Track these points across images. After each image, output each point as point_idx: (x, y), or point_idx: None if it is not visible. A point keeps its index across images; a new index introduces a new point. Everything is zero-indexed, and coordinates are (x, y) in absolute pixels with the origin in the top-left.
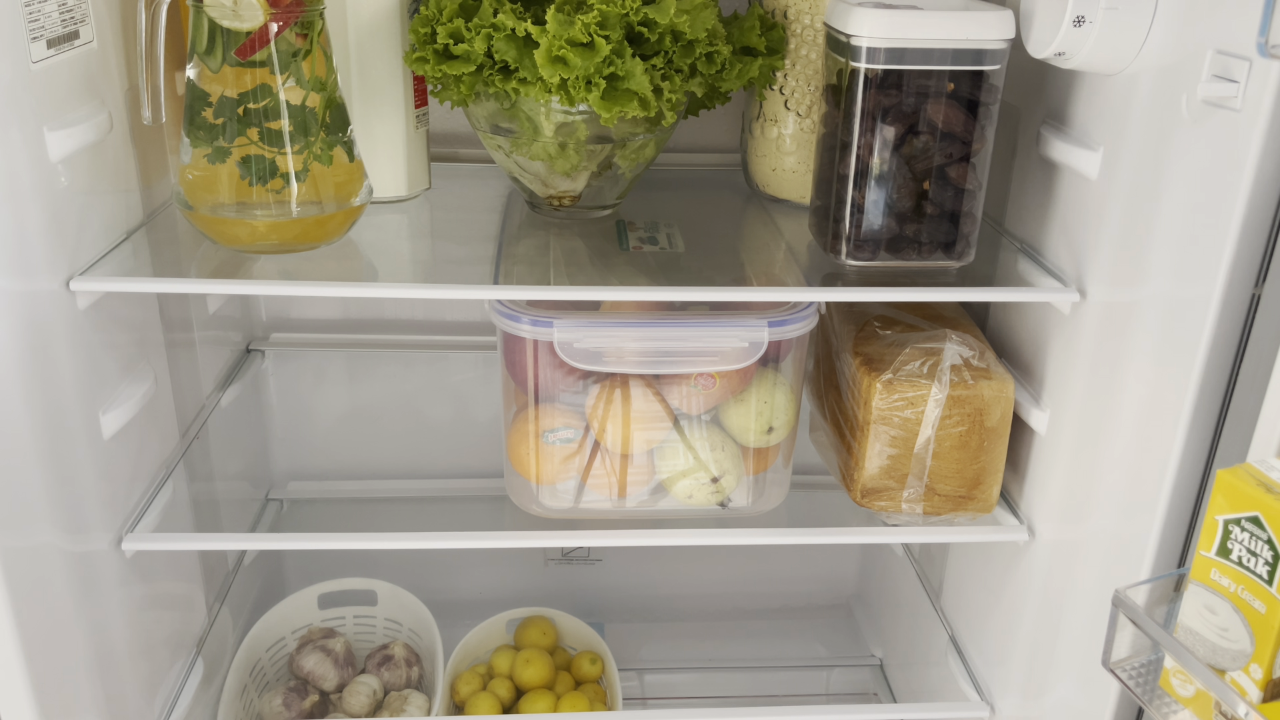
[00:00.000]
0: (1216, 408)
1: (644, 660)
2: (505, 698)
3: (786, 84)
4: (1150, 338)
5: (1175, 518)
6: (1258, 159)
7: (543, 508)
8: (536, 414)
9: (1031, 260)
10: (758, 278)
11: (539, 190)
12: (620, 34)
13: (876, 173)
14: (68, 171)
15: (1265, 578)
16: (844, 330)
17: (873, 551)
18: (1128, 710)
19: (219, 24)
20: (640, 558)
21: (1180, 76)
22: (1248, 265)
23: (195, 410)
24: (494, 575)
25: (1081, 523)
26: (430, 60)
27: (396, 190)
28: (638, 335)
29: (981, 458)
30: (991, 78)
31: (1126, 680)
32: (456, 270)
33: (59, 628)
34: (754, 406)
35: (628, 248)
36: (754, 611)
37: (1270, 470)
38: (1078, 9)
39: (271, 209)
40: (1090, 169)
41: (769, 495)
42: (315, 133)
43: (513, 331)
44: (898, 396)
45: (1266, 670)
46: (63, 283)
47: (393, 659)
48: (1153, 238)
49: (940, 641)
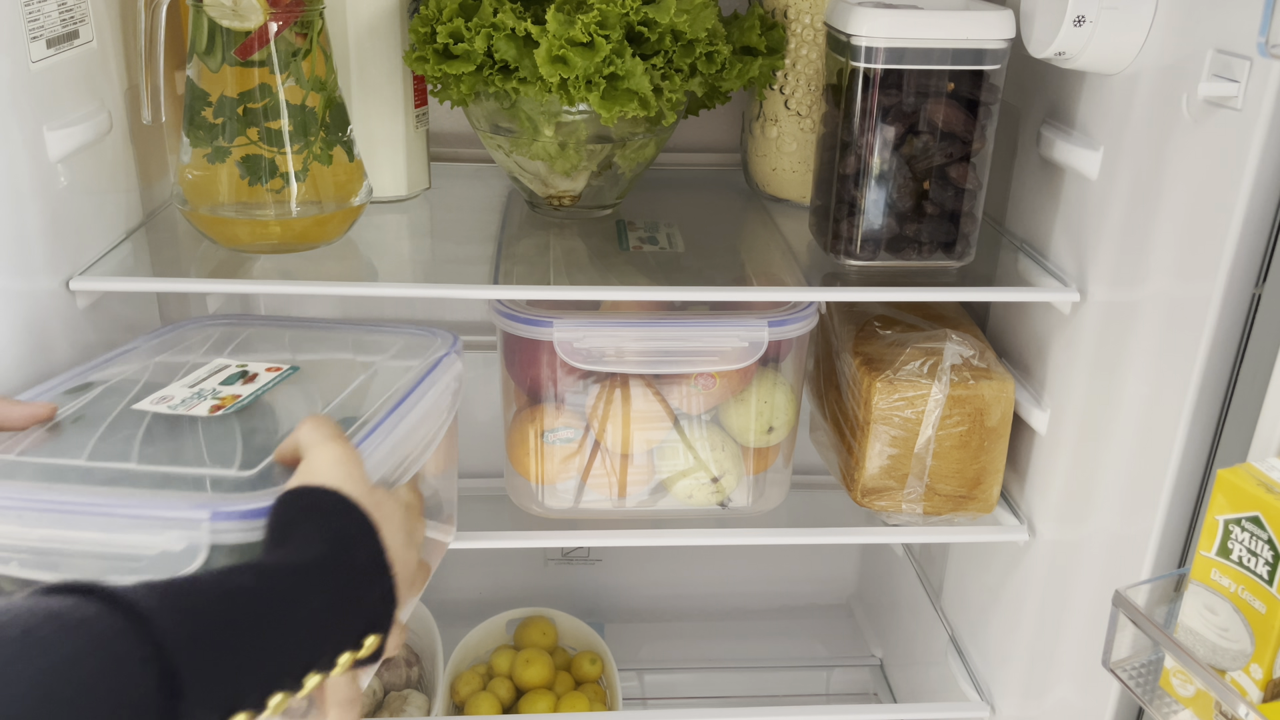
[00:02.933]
0: (1217, 408)
1: (644, 660)
2: (505, 698)
3: (786, 84)
4: (1151, 338)
5: (1175, 518)
6: (1258, 159)
7: (543, 508)
8: (536, 414)
9: (1032, 260)
10: (758, 278)
11: (539, 190)
12: (620, 34)
13: (877, 172)
14: (67, 171)
15: (1265, 578)
16: (844, 330)
17: (873, 551)
18: (1128, 710)
19: (219, 24)
20: (640, 558)
21: (1181, 76)
22: (1248, 265)
23: None
24: (494, 575)
25: (1082, 523)
26: (430, 60)
27: (396, 190)
28: (638, 335)
29: (982, 458)
30: (992, 77)
31: (1127, 680)
32: (456, 270)
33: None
34: (754, 406)
35: (628, 247)
36: (754, 611)
37: (1271, 470)
38: (1078, 9)
39: (271, 209)
40: (1090, 169)
41: (769, 495)
42: (315, 132)
43: (512, 331)
44: (898, 396)
45: (1267, 670)
46: (62, 282)
47: (392, 659)
48: (1153, 237)
49: (940, 641)
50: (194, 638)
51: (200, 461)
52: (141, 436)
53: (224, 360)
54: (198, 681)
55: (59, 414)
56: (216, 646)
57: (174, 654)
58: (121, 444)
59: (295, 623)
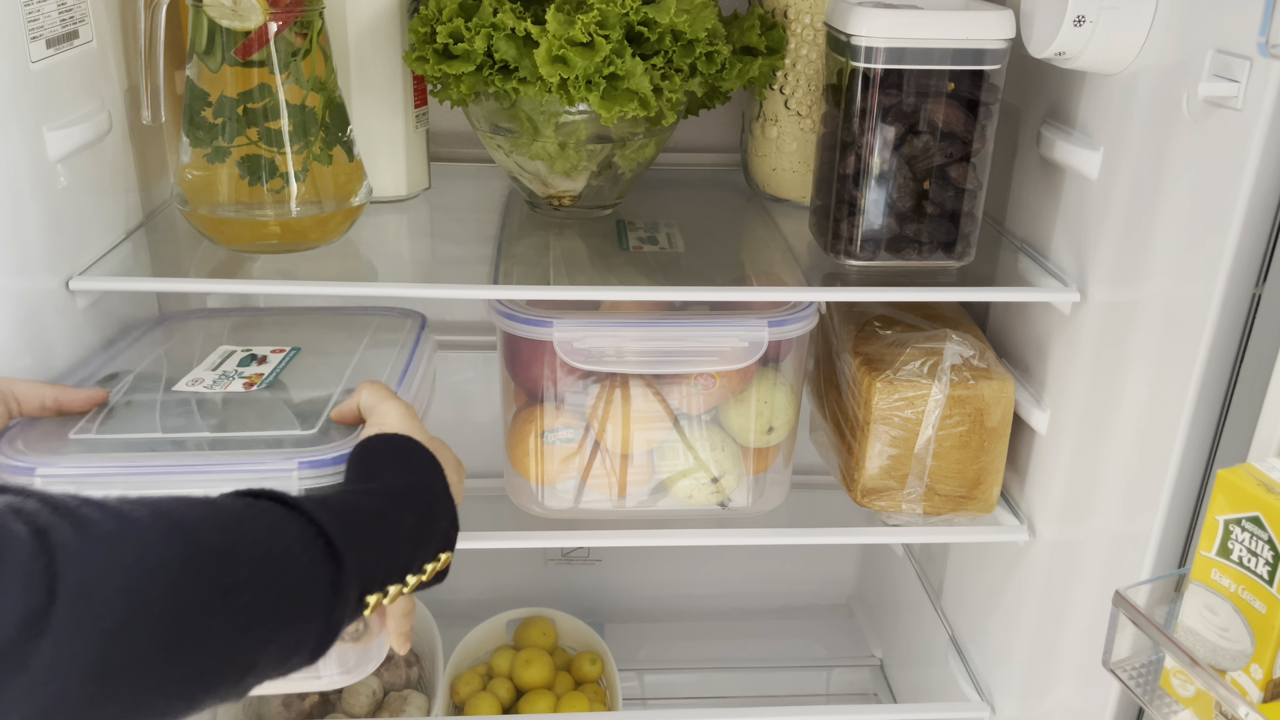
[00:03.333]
0: (1217, 408)
1: (644, 660)
2: (505, 698)
3: (786, 84)
4: (1151, 337)
5: (1176, 518)
6: (1258, 159)
7: (543, 508)
8: (536, 414)
9: (1032, 260)
10: (758, 278)
11: (539, 190)
12: (620, 34)
13: (877, 172)
14: (67, 171)
15: (1266, 578)
16: (844, 330)
17: (873, 551)
18: (1128, 710)
19: (219, 24)
20: (640, 558)
21: (1181, 76)
22: (1248, 265)
23: None
24: (494, 575)
25: (1082, 523)
26: (430, 60)
27: (396, 190)
28: (638, 335)
29: (982, 458)
30: (992, 77)
31: (1127, 680)
32: (456, 270)
33: None
34: (754, 406)
35: (628, 247)
36: (754, 611)
37: (1271, 470)
38: (1078, 9)
39: (271, 209)
40: (1090, 169)
41: (769, 495)
42: (315, 132)
43: (512, 331)
44: (898, 396)
45: (1267, 670)
46: (62, 282)
47: (392, 659)
48: (1153, 237)
49: (940, 641)
50: (343, 529)
51: (263, 427)
52: (198, 411)
53: (229, 347)
54: (348, 559)
55: (110, 399)
56: (356, 540)
57: (333, 537)
58: (184, 419)
59: (400, 531)
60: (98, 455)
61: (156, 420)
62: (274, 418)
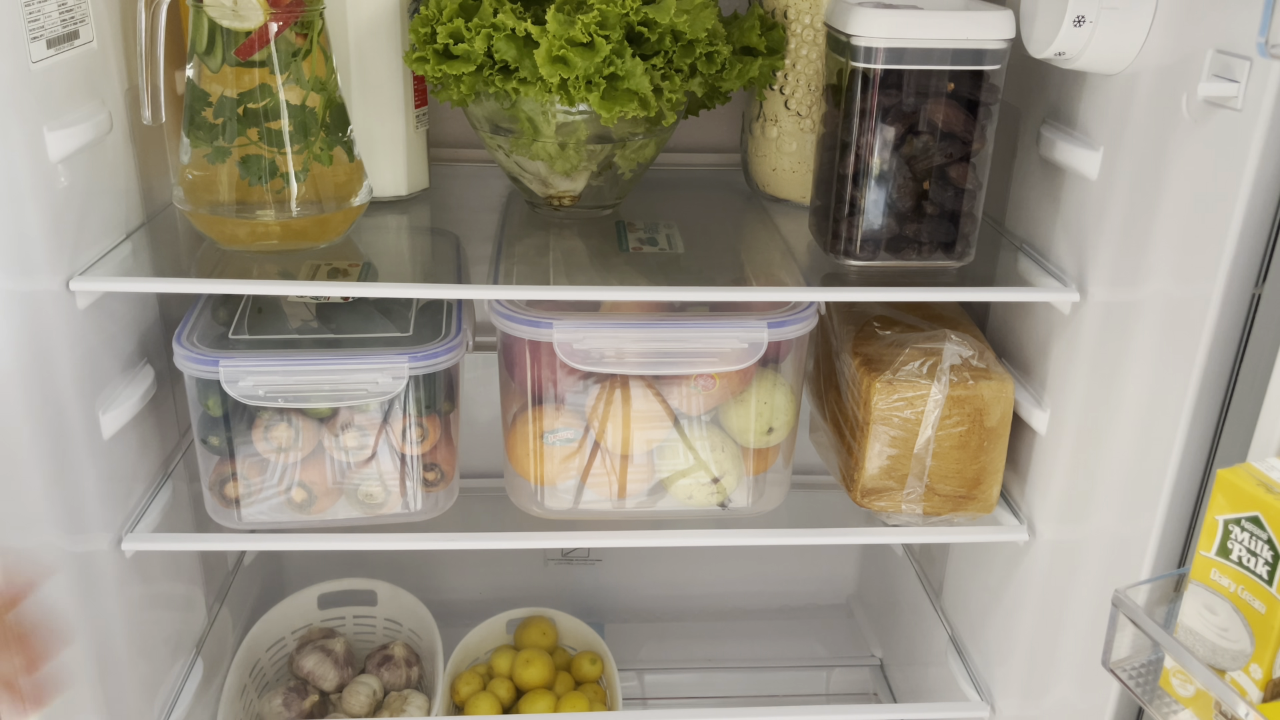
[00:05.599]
0: (1217, 407)
1: (644, 660)
2: (505, 698)
3: (786, 84)
4: (1150, 338)
5: (1175, 518)
6: (1258, 159)
7: (543, 508)
8: (536, 414)
9: (1031, 260)
10: (757, 278)
11: (539, 190)
12: (620, 34)
13: (876, 173)
14: (68, 171)
15: (1265, 578)
16: (844, 330)
17: (873, 551)
18: (1128, 710)
19: (219, 24)
20: (640, 558)
21: (1180, 76)
22: (1248, 265)
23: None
24: (494, 575)
25: (1082, 523)
26: (430, 60)
27: (396, 190)
28: (637, 336)
29: (981, 458)
30: (991, 78)
31: (1126, 680)
32: (456, 270)
33: (59, 627)
34: (754, 407)
35: (627, 248)
36: (754, 611)
37: (1271, 470)
38: (1078, 9)
39: (271, 209)
40: (1090, 169)
41: (769, 495)
42: (315, 133)
43: (512, 332)
44: (898, 396)
45: (1266, 670)
46: (63, 283)
47: (393, 659)
48: (1153, 238)
49: (940, 641)
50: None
51: (370, 330)
52: (317, 318)
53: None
54: None
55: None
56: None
57: None
58: (306, 324)
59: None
60: (258, 352)
61: (283, 325)
62: (374, 324)
